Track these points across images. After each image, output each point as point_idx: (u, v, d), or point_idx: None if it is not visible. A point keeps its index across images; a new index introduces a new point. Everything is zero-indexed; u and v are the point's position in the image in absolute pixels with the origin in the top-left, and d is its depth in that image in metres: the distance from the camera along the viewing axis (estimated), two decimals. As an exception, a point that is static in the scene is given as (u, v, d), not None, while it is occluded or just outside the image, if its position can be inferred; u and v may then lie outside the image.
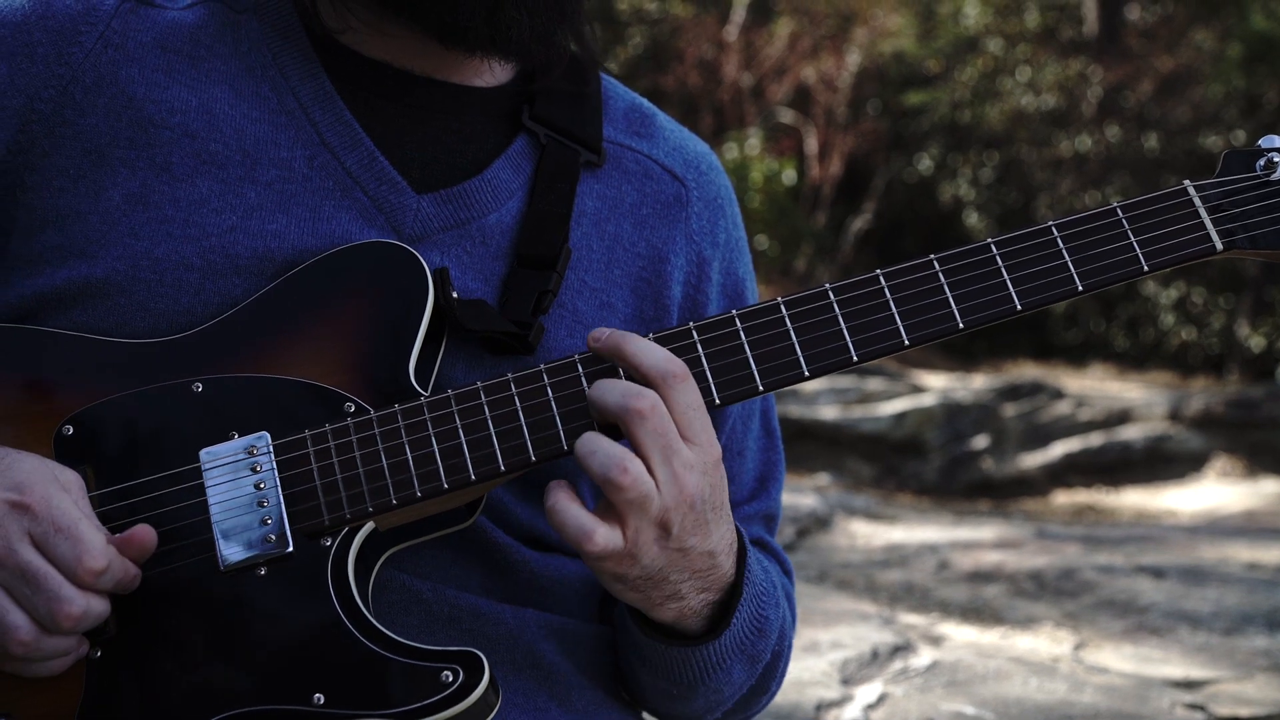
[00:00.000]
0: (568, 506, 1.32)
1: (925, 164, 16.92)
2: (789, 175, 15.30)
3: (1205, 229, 1.43)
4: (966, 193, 16.62)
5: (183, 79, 1.50)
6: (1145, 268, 1.42)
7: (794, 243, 15.44)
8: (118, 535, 1.32)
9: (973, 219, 16.44)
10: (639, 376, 1.35)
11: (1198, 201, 1.44)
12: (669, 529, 1.33)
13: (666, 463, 1.32)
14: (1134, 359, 15.48)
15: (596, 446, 1.31)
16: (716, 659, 1.47)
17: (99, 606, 1.29)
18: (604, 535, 1.31)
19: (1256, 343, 14.81)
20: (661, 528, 1.33)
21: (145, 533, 1.32)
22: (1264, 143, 1.47)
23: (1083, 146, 15.82)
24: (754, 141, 15.56)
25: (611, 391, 1.33)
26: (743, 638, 1.48)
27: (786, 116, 16.70)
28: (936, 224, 16.99)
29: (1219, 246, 1.43)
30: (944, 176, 16.82)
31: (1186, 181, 1.45)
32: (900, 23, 17.44)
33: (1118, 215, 1.44)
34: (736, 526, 1.44)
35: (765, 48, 16.58)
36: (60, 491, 1.30)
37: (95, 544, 1.28)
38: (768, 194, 14.81)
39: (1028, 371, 13.94)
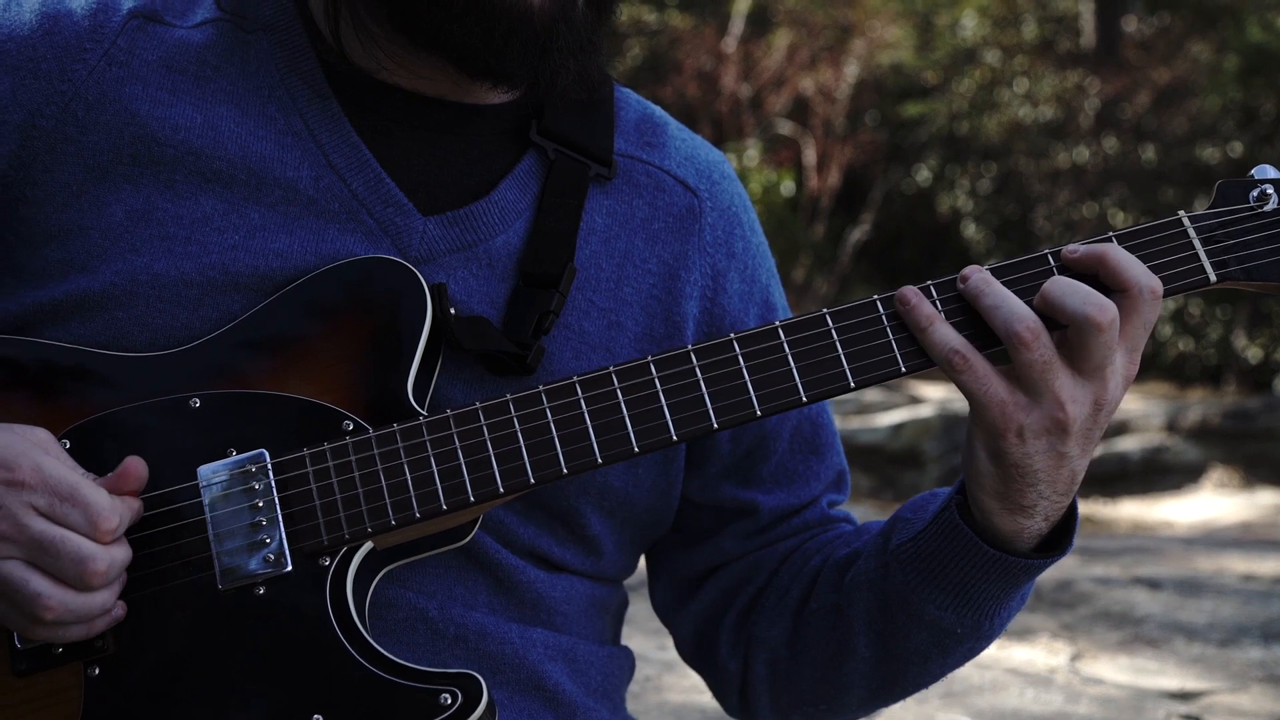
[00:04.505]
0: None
1: (923, 175, 16.91)
2: (787, 186, 15.29)
3: (1199, 260, 1.43)
4: (964, 204, 16.60)
5: (188, 97, 1.50)
6: None
7: (792, 254, 15.41)
8: (109, 476, 1.33)
9: (970, 230, 16.43)
10: (1116, 286, 1.37)
11: (1192, 233, 1.44)
12: (1098, 418, 1.35)
13: (1111, 363, 1.34)
14: (1131, 370, 15.43)
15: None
16: (1027, 590, 1.49)
17: (121, 554, 1.30)
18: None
19: (1254, 354, 14.81)
20: (1095, 409, 1.35)
21: (135, 464, 1.33)
22: (1256, 173, 1.47)
23: (1080, 158, 15.81)
24: (752, 153, 15.56)
25: (1073, 295, 1.35)
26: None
27: (785, 128, 16.70)
28: (935, 235, 16.97)
29: (1213, 278, 1.43)
30: (942, 188, 16.80)
31: (1181, 212, 1.45)
32: (898, 34, 17.44)
33: (1114, 244, 1.43)
34: None
35: (763, 59, 16.57)
36: (44, 456, 1.30)
37: (102, 503, 1.29)
38: (766, 205, 14.78)
39: (1025, 382, 13.88)
